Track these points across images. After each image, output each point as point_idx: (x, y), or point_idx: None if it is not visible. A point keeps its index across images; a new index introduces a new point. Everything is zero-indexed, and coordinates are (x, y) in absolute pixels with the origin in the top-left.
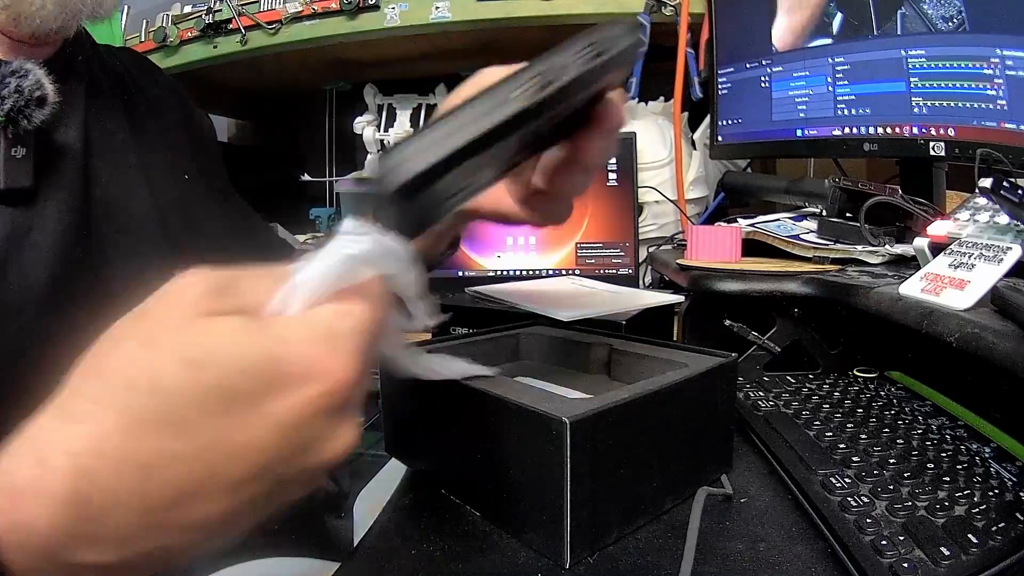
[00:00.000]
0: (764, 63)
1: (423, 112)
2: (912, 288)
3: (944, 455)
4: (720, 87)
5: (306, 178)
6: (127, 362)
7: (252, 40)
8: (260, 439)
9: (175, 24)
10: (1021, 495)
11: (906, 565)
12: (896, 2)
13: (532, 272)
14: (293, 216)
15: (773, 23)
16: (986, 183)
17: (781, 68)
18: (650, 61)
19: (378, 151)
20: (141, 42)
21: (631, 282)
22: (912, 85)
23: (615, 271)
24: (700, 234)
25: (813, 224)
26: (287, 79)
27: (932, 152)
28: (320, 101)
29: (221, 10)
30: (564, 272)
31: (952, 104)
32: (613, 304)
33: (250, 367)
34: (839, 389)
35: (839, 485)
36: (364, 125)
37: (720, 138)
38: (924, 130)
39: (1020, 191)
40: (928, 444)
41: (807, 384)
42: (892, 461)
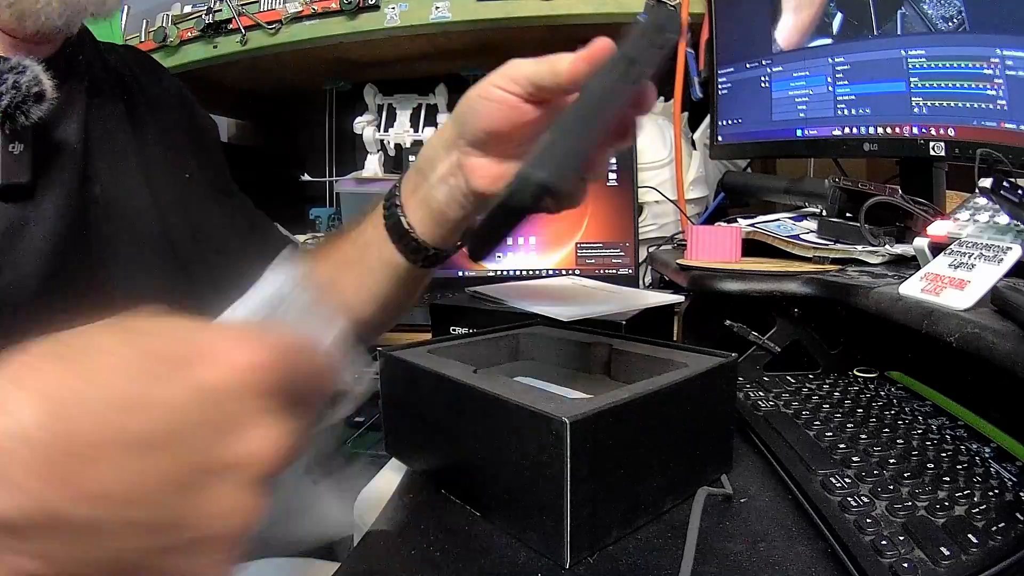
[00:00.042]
0: (764, 63)
1: (423, 112)
2: (912, 288)
3: (944, 455)
4: (720, 87)
5: (306, 178)
6: (64, 335)
7: (252, 40)
8: (174, 397)
9: (175, 24)
10: (1021, 495)
11: (906, 565)
12: (896, 2)
13: (532, 272)
14: (293, 216)
15: (778, 22)
16: (986, 183)
17: (781, 68)
18: None
19: (378, 151)
20: (141, 42)
21: (631, 282)
22: (912, 85)
23: (615, 271)
24: (700, 234)
25: (813, 224)
26: (287, 79)
27: (932, 152)
28: (320, 101)
29: (221, 10)
30: (564, 272)
31: (952, 104)
32: (613, 304)
33: (177, 339)
34: (839, 389)
35: (839, 485)
36: (364, 125)
37: (720, 138)
38: (924, 130)
39: (1020, 191)
40: (928, 444)
41: (807, 384)
42: (892, 461)
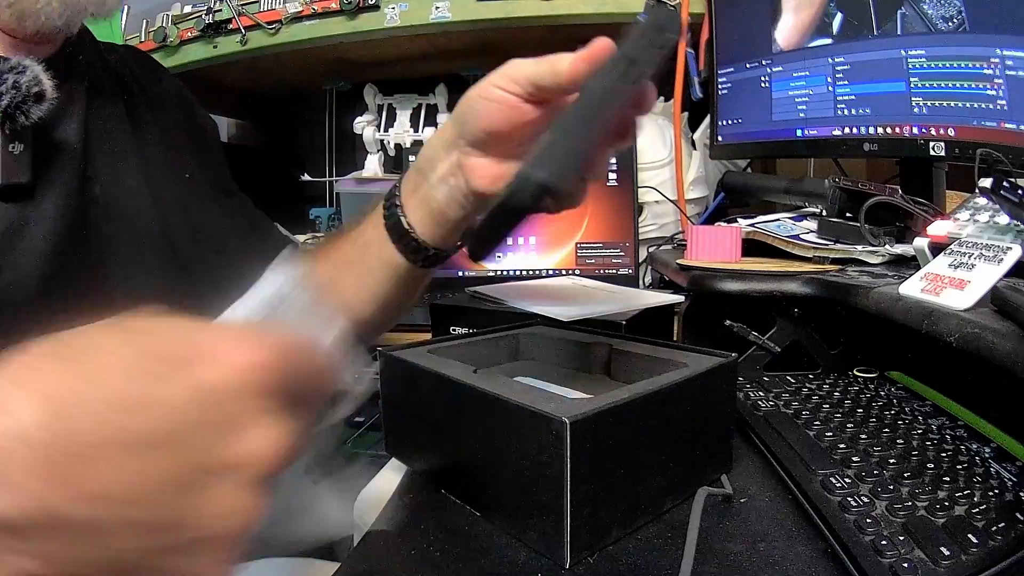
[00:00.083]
0: (764, 63)
1: (423, 112)
2: (912, 288)
3: (944, 455)
4: (720, 87)
5: (306, 178)
6: (64, 335)
7: (252, 40)
8: (174, 397)
9: (175, 24)
10: (1021, 495)
11: (906, 565)
12: (896, 2)
13: (532, 272)
14: (293, 216)
15: (778, 22)
16: (986, 183)
17: (781, 68)
18: None
19: (378, 151)
20: (141, 42)
21: (631, 282)
22: (912, 85)
23: (615, 271)
24: (700, 234)
25: (813, 224)
26: (287, 79)
27: (932, 152)
28: (320, 101)
29: (221, 10)
30: (564, 272)
31: (952, 104)
32: (613, 304)
33: (177, 339)
34: (839, 389)
35: (839, 485)
36: (364, 125)
37: (720, 138)
38: (924, 130)
39: (1020, 191)
40: (928, 444)
41: (807, 384)
42: (892, 461)
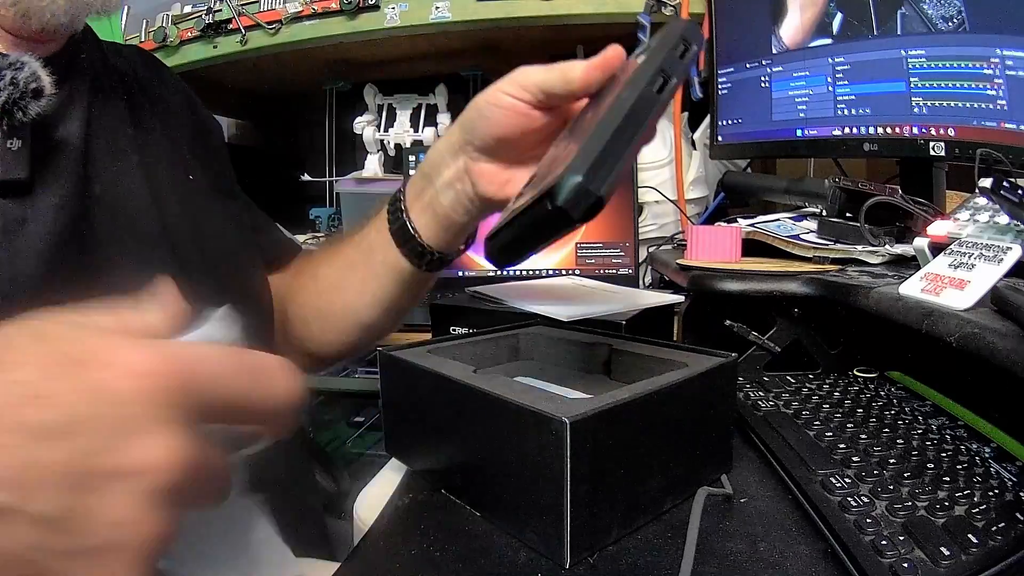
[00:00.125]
0: (764, 63)
1: (423, 112)
2: (912, 288)
3: (944, 455)
4: (720, 87)
5: (306, 178)
6: None
7: (252, 40)
8: (72, 394)
9: (175, 24)
10: (1021, 495)
11: (906, 565)
12: (896, 2)
13: (532, 272)
14: (293, 216)
15: (783, 21)
16: (986, 183)
17: (781, 68)
18: None
19: (378, 151)
20: (141, 42)
21: (631, 282)
22: (912, 85)
23: (615, 271)
24: (700, 234)
25: (813, 224)
26: (287, 79)
27: (932, 152)
28: (320, 101)
29: (221, 10)
30: (564, 272)
31: (952, 104)
32: (613, 304)
33: (83, 342)
34: (839, 389)
35: (839, 485)
36: (364, 125)
37: (720, 138)
38: (924, 130)
39: (1020, 191)
40: (928, 444)
41: (807, 384)
42: (892, 461)
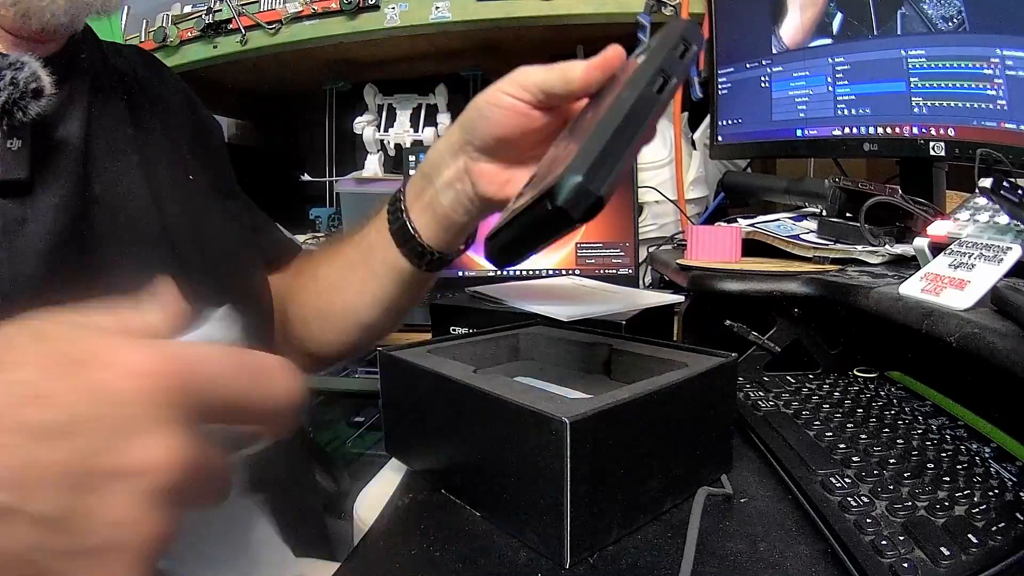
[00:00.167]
0: (764, 63)
1: (423, 112)
2: (912, 288)
3: (944, 455)
4: (720, 87)
5: (306, 178)
6: None
7: (252, 40)
8: (72, 394)
9: (175, 24)
10: (1021, 495)
11: (906, 565)
12: (896, 2)
13: (532, 272)
14: (293, 216)
15: (783, 21)
16: (986, 183)
17: (781, 68)
18: None
19: (378, 151)
20: (141, 42)
21: (631, 282)
22: (912, 85)
23: (615, 271)
24: (700, 234)
25: (813, 224)
26: (287, 79)
27: (932, 152)
28: (320, 101)
29: (221, 10)
30: (564, 272)
31: (952, 104)
32: (613, 304)
33: (84, 343)
34: (839, 389)
35: (839, 485)
36: (364, 125)
37: (720, 138)
38: (924, 130)
39: (1020, 191)
40: (928, 444)
41: (807, 384)
42: (892, 461)
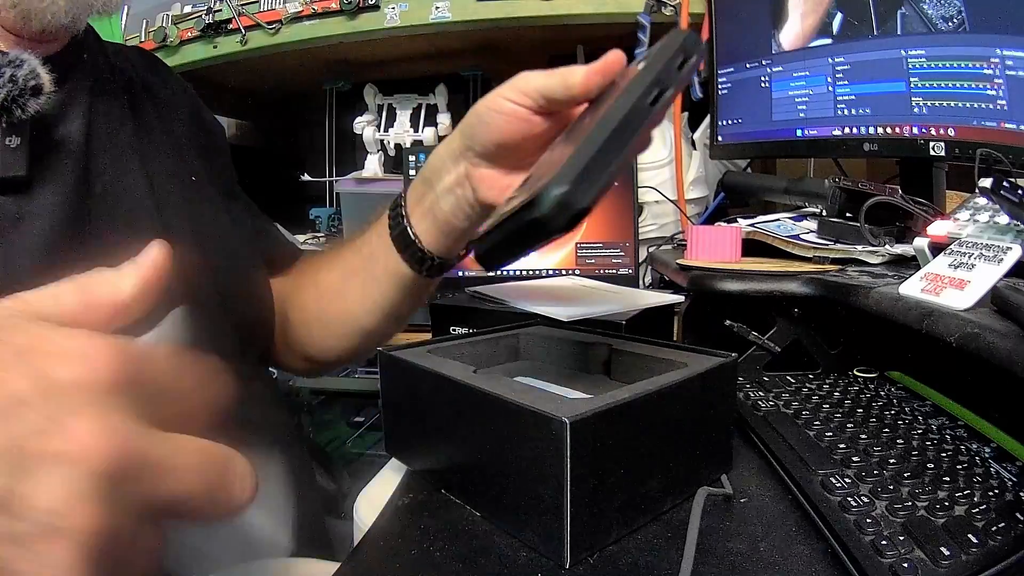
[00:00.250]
0: (764, 63)
1: (423, 112)
2: (912, 288)
3: (944, 455)
4: (720, 87)
5: (306, 178)
6: None
7: (252, 40)
8: (17, 379)
9: (175, 24)
10: (1021, 495)
11: (906, 565)
12: (896, 2)
13: (532, 272)
14: (293, 216)
15: (783, 27)
16: (986, 183)
17: (781, 68)
18: None
19: (378, 151)
20: (141, 42)
21: (631, 282)
22: (912, 85)
23: (615, 271)
24: (700, 234)
25: (813, 224)
26: (287, 79)
27: (932, 152)
28: (320, 101)
29: (221, 10)
30: (564, 272)
31: (952, 104)
32: (613, 304)
33: (32, 333)
34: (839, 389)
35: (839, 485)
36: (364, 125)
37: (720, 138)
38: (924, 130)
39: (1020, 191)
40: (928, 444)
41: (807, 384)
42: (892, 461)
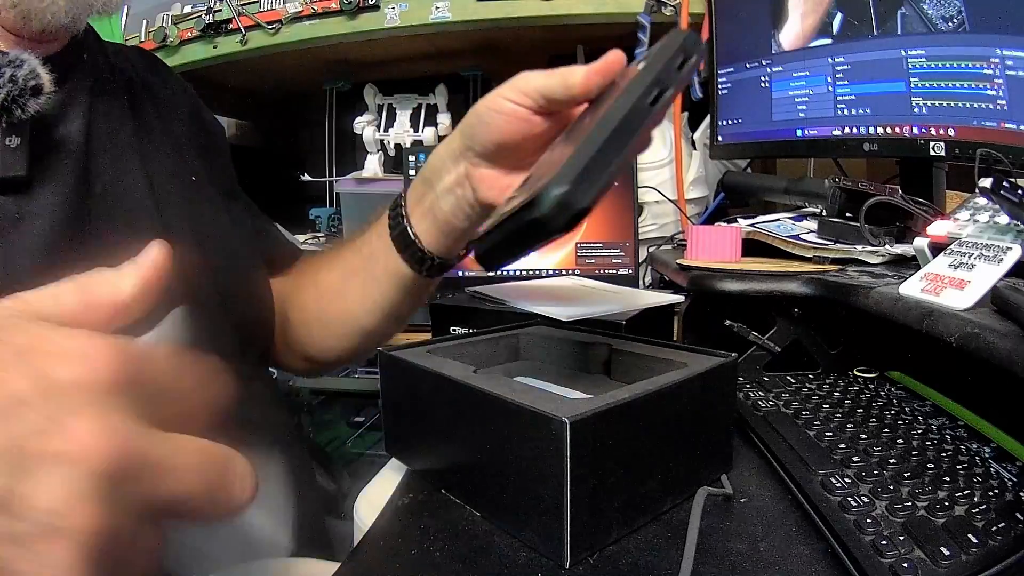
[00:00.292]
0: (764, 63)
1: (423, 112)
2: (912, 288)
3: (944, 455)
4: (720, 87)
5: (306, 178)
6: None
7: (252, 40)
8: (17, 379)
9: (175, 24)
10: (1021, 495)
11: (906, 565)
12: (896, 2)
13: (532, 272)
14: (293, 216)
15: (783, 27)
16: (986, 183)
17: (781, 68)
18: None
19: (378, 151)
20: (141, 42)
21: (631, 282)
22: (912, 85)
23: (615, 271)
24: (700, 234)
25: (813, 224)
26: (287, 79)
27: (932, 152)
28: (320, 101)
29: (221, 10)
30: (564, 272)
31: (952, 104)
32: (613, 304)
33: (33, 334)
34: (839, 389)
35: (839, 485)
36: (364, 125)
37: (720, 138)
38: (924, 130)
39: (1020, 191)
40: (928, 444)
41: (807, 384)
42: (892, 461)
